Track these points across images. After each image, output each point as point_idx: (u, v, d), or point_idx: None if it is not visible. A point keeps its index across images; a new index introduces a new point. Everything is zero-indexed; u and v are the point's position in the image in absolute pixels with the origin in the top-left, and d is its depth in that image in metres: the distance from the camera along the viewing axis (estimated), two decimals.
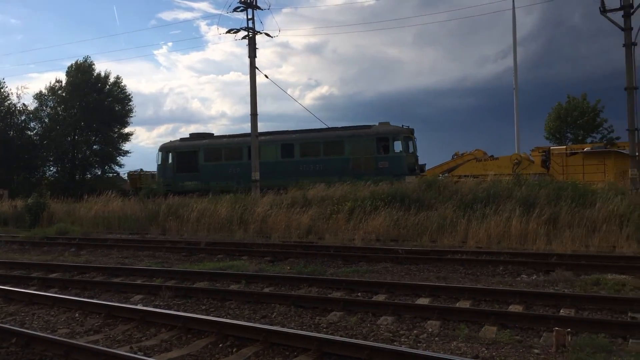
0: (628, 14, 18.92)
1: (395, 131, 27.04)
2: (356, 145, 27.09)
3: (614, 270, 10.54)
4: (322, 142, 28.02)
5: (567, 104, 47.61)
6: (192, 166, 31.39)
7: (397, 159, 26.40)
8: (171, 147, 32.65)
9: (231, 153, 30.51)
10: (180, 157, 31.97)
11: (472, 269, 11.54)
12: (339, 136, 27.87)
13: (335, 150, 27.63)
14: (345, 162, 27.01)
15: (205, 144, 31.68)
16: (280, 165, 28.72)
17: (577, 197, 16.06)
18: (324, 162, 27.46)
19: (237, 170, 29.27)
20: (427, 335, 7.05)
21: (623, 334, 6.75)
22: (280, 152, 29.08)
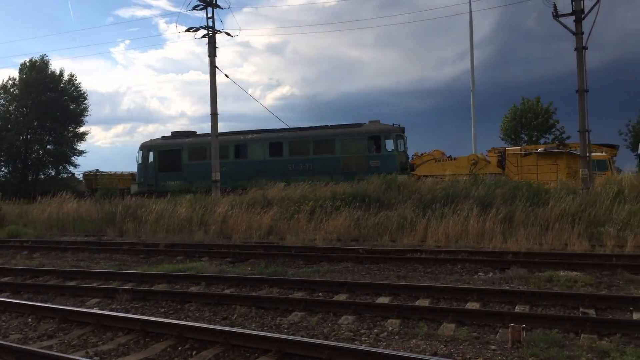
0: (579, 19, 19.57)
1: (386, 130, 26.88)
2: (347, 144, 26.81)
3: (566, 267, 10.88)
4: (312, 141, 27.55)
5: (522, 106, 48.95)
6: (175, 165, 30.50)
7: (389, 157, 26.22)
8: (153, 145, 31.55)
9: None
10: (162, 155, 30.98)
11: (431, 267, 11.73)
12: (329, 135, 27.45)
13: (325, 149, 27.23)
14: (336, 161, 26.73)
15: (189, 142, 30.78)
16: (268, 164, 28.09)
17: (531, 196, 16.53)
18: (314, 161, 27.08)
19: (223, 169, 28.14)
20: (387, 333, 7.12)
21: (575, 328, 6.97)
22: (268, 150, 28.48)
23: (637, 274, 10.26)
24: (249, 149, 28.49)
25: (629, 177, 17.83)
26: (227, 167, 28.37)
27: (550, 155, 28.91)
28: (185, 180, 29.57)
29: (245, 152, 29.18)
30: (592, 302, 8.16)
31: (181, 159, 30.46)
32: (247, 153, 28.57)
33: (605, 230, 14.09)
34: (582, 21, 19.57)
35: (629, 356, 5.92)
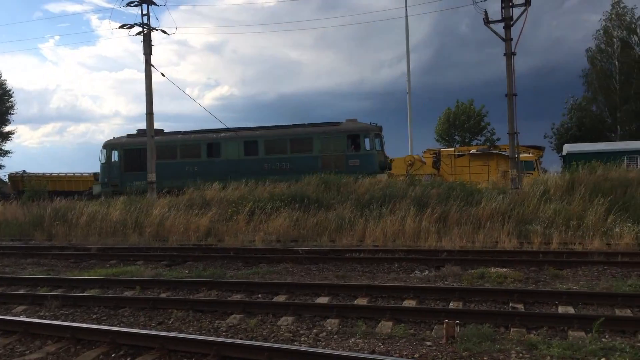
0: (508, 25, 20.42)
1: (366, 128, 26.81)
2: (326, 142, 26.54)
3: (497, 264, 11.31)
4: (289, 139, 27.14)
5: (456, 109, 50.52)
6: (142, 164, 28.86)
7: (369, 156, 26.16)
8: (117, 144, 30.25)
9: (188, 150, 28.83)
10: (128, 154, 29.74)
11: (370, 266, 11.90)
12: (307, 133, 27.16)
13: (303, 148, 26.87)
14: (314, 160, 26.40)
15: (157, 140, 29.17)
16: (243, 163, 27.41)
17: (464, 196, 17.10)
18: (291, 160, 26.67)
19: (194, 169, 27.64)
20: (326, 333, 7.17)
21: (505, 323, 7.27)
22: (243, 149, 27.86)
23: (561, 269, 10.82)
24: (222, 148, 27.73)
25: (554, 177, 18.77)
26: (199, 166, 27.70)
27: (481, 157, 30.00)
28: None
29: (218, 151, 28.30)
30: (521, 297, 8.53)
31: None
32: (221, 152, 27.78)
33: (533, 228, 14.77)
34: (511, 28, 20.41)
35: (555, 348, 6.23)
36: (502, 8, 20.47)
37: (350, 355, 5.69)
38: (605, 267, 10.86)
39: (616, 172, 18.16)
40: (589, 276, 10.33)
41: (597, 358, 5.96)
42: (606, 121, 44.33)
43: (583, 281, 9.94)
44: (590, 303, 8.24)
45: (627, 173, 18.26)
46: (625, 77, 42.02)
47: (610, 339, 6.66)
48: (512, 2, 20.27)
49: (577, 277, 10.28)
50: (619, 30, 42.77)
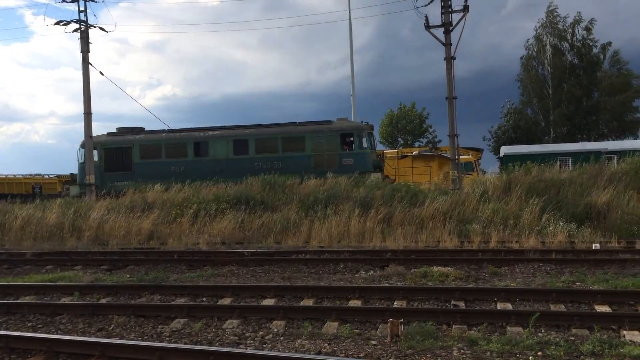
0: (448, 30, 21.01)
1: (359, 127, 26.63)
2: (318, 141, 26.15)
3: (439, 263, 11.59)
4: (281, 138, 26.65)
5: (399, 111, 51.45)
6: (124, 164, 28.09)
7: (363, 155, 25.92)
8: (97, 142, 28.56)
9: (173, 150, 27.79)
10: (109, 154, 28.45)
11: (315, 267, 11.94)
12: (299, 132, 26.71)
13: (295, 147, 26.43)
14: (306, 159, 26.01)
15: (140, 139, 28.43)
16: (232, 163, 26.75)
17: (408, 197, 17.44)
18: (283, 159, 26.23)
19: (180, 168, 26.69)
20: (272, 335, 7.14)
21: (448, 320, 7.46)
22: (232, 148, 27.19)
23: (500, 267, 11.21)
24: (210, 147, 26.99)
25: (493, 178, 19.43)
26: (185, 166, 26.94)
27: (423, 158, 30.68)
28: (136, 180, 26.77)
29: (206, 149, 27.49)
30: (462, 294, 8.78)
31: (131, 158, 28.19)
32: (209, 151, 27.01)
33: (473, 228, 15.25)
34: (450, 33, 21.00)
35: (494, 343, 6.45)
36: (442, 13, 21.03)
37: (296, 357, 5.69)
38: (540, 264, 11.33)
39: (550, 173, 18.98)
40: (526, 273, 10.75)
41: (534, 352, 6.21)
42: (540, 124, 46.30)
43: (520, 278, 10.34)
44: (526, 299, 8.58)
45: (559, 174, 19.12)
46: (557, 82, 44.03)
47: (545, 333, 6.96)
48: (451, 8, 20.87)
49: (515, 275, 10.68)
50: (552, 37, 44.78)
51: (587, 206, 15.93)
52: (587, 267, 10.94)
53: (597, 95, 43.88)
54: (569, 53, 44.59)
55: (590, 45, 44.01)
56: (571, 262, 11.35)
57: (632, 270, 10.57)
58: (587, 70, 44.01)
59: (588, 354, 6.11)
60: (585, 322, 7.15)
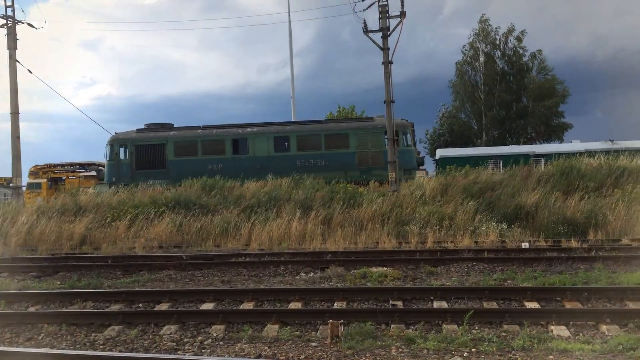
0: (385, 35, 21.43)
1: (403, 124, 26.12)
2: (363, 138, 25.65)
3: (377, 264, 11.79)
4: (324, 135, 25.99)
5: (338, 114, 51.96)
6: (157, 162, 26.66)
7: (407, 152, 25.48)
8: (127, 139, 27.27)
9: (210, 146, 26.67)
10: (140, 151, 26.91)
11: (256, 270, 11.87)
12: (343, 129, 26.32)
13: (338, 144, 25.78)
14: (351, 156, 25.47)
15: (175, 135, 27.06)
16: (273, 160, 25.86)
17: (347, 199, 17.65)
18: (326, 156, 25.57)
19: (218, 166, 25.58)
20: (212, 340, 7.04)
21: (386, 320, 7.59)
22: (273, 145, 26.33)
23: (436, 266, 11.51)
24: (249, 144, 26.18)
25: (430, 180, 19.96)
26: (223, 163, 25.88)
27: None
28: (171, 178, 25.64)
29: (245, 147, 26.53)
30: (400, 294, 8.96)
31: (165, 155, 26.83)
32: (248, 148, 26.26)
33: (410, 229, 15.61)
34: (388, 38, 21.42)
35: (431, 341, 6.62)
36: (380, 19, 21.42)
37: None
38: (474, 263, 11.73)
39: (483, 176, 19.69)
40: (460, 272, 11.10)
41: (468, 349, 6.42)
42: (473, 128, 47.99)
43: (455, 277, 10.66)
44: (461, 297, 8.85)
45: (492, 176, 19.87)
46: (489, 88, 45.77)
47: (479, 330, 7.21)
48: (389, 14, 21.28)
49: (450, 274, 11.00)
50: (484, 45, 46.52)
51: (517, 207, 16.63)
52: (517, 265, 11.42)
53: (526, 100, 45.94)
54: (500, 60, 46.44)
55: (520, 53, 46.01)
56: (502, 261, 11.81)
57: (558, 267, 11.12)
58: (517, 76, 46.00)
59: (519, 349, 6.38)
60: (516, 319, 7.46)
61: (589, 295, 8.56)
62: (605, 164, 19.53)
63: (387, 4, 21.25)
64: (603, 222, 15.51)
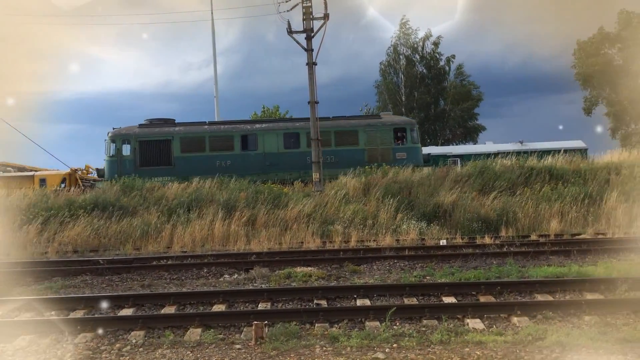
0: (309, 37, 21.58)
1: (411, 122, 27.36)
2: (372, 135, 25.88)
3: (302, 264, 11.84)
4: (334, 132, 25.95)
5: (262, 114, 51.75)
6: (163, 158, 25.42)
7: (414, 149, 26.11)
8: (130, 134, 25.83)
9: (218, 143, 25.81)
10: (144, 146, 25.52)
11: (178, 273, 11.58)
12: (352, 125, 26.42)
13: (349, 141, 25.97)
14: (360, 153, 25.60)
15: (181, 131, 25.95)
16: (283, 156, 25.58)
17: (271, 199, 17.61)
18: (336, 153, 25.44)
19: (227, 162, 24.89)
20: (131, 347, 6.81)
21: (311, 319, 7.65)
22: (282, 142, 25.92)
23: (359, 265, 11.73)
24: (259, 140, 25.69)
25: (353, 180, 20.27)
26: (232, 160, 25.22)
27: None
28: (177, 175, 24.35)
29: (254, 143, 25.95)
30: (324, 293, 9.06)
31: (171, 151, 25.60)
32: (257, 144, 25.72)
33: (334, 228, 15.80)
34: (312, 39, 21.59)
35: (354, 339, 6.74)
36: (304, 20, 21.54)
37: None
38: (395, 260, 12.04)
39: (403, 175, 20.28)
40: (382, 270, 11.37)
41: (390, 344, 6.60)
42: None
43: (377, 275, 10.91)
44: (383, 294, 9.07)
45: (412, 175, 20.49)
46: (409, 90, 47.28)
47: (400, 326, 7.41)
48: (313, 15, 21.44)
49: (373, 272, 11.24)
50: (405, 49, 47.97)
51: (435, 206, 17.26)
52: (435, 262, 11.84)
53: (444, 103, 47.79)
54: (420, 64, 48.05)
55: (437, 58, 47.80)
56: (422, 258, 12.21)
57: (474, 263, 11.64)
58: (435, 80, 47.77)
59: (437, 343, 6.62)
60: (435, 313, 7.74)
61: (501, 289, 9.02)
62: (516, 165, 20.64)
63: (311, 6, 21.40)
64: (514, 219, 16.41)
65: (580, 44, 41.68)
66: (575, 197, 17.22)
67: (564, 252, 12.27)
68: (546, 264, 11.18)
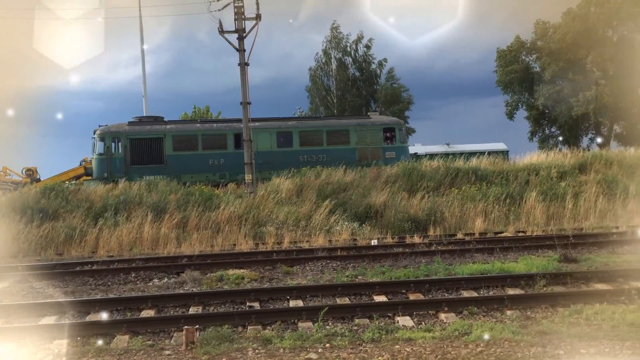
0: (241, 37, 21.39)
1: (399, 122, 28.30)
2: (362, 134, 26.58)
3: (235, 266, 11.72)
4: (326, 131, 26.61)
5: (193, 114, 50.81)
6: (154, 157, 24.68)
7: (403, 149, 27.16)
8: (120, 132, 25.12)
9: (211, 141, 25.64)
10: (135, 145, 25.02)
11: (104, 279, 11.16)
12: (343, 125, 27.27)
13: (340, 140, 26.54)
14: (351, 152, 26.21)
15: (173, 129, 25.55)
16: (276, 155, 25.71)
17: (203, 201, 17.32)
18: (328, 152, 26.02)
19: (219, 161, 25.01)
20: (53, 356, 6.50)
21: (243, 322, 7.59)
22: (275, 141, 26.21)
23: (292, 266, 11.75)
24: (252, 139, 24.74)
25: (286, 182, 20.27)
26: (225, 158, 25.12)
27: None
28: (169, 174, 23.62)
29: None
30: (257, 295, 9.01)
31: (163, 149, 24.85)
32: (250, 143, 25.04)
33: (267, 230, 15.74)
34: (244, 39, 21.42)
35: (287, 340, 6.75)
36: (235, 20, 21.34)
37: None
38: (328, 261, 12.15)
39: (336, 176, 20.51)
40: (315, 270, 11.44)
41: (322, 344, 6.65)
42: None
43: (310, 275, 10.97)
44: (316, 295, 9.13)
45: (345, 177, 20.75)
46: (341, 92, 47.86)
47: (333, 325, 7.49)
48: (244, 15, 21.28)
49: (305, 272, 11.28)
50: (336, 52, 48.51)
51: (367, 206, 17.56)
52: (367, 261, 12.04)
53: (375, 105, 48.71)
54: (352, 67, 48.75)
55: (369, 61, 48.67)
56: (354, 258, 12.38)
57: (404, 262, 11.93)
58: (367, 82, 48.62)
59: (368, 341, 6.74)
60: (366, 312, 7.88)
61: (429, 286, 9.32)
62: (442, 166, 21.35)
63: (243, 6, 21.22)
64: (441, 218, 16.96)
65: (499, 52, 43.67)
66: (498, 197, 18.02)
67: (487, 250, 12.80)
68: (471, 262, 11.64)
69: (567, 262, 11.11)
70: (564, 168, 21.04)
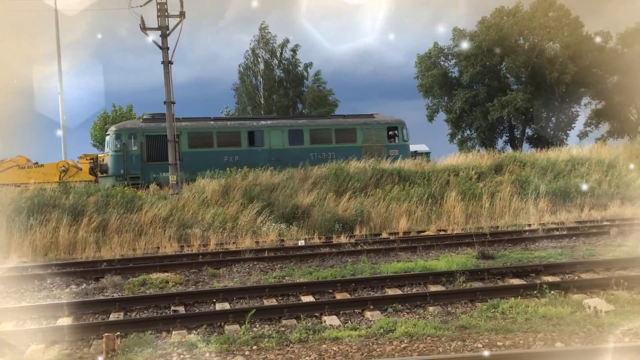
0: (164, 34, 20.82)
1: (401, 121, 28.75)
2: (368, 133, 27.69)
3: (158, 270, 11.37)
4: (334, 130, 27.60)
5: (113, 113, 48.95)
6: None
7: (405, 147, 28.15)
8: (136, 128, 25.26)
9: (226, 138, 26.27)
10: (151, 142, 24.93)
11: (16, 286, 10.50)
12: (350, 124, 28.06)
13: (347, 138, 27.52)
14: (358, 150, 26.77)
15: (189, 126, 25.77)
16: (289, 152, 26.46)
17: (124, 203, 16.69)
18: (336, 149, 26.71)
19: (234, 158, 25.12)
20: None
21: (167, 327, 7.39)
22: (287, 138, 26.91)
23: (218, 268, 11.57)
24: (265, 136, 26.54)
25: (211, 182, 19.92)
26: (239, 155, 25.62)
27: None
28: (185, 171, 23.36)
29: (261, 139, 26.83)
30: (182, 299, 8.81)
31: (179, 146, 24.03)
32: (264, 140, 26.59)
33: (193, 232, 15.41)
34: (167, 37, 20.88)
35: (213, 344, 6.63)
36: (158, 17, 20.77)
37: None
38: (255, 262, 12.06)
39: (263, 177, 20.42)
40: (242, 272, 11.32)
41: (250, 347, 6.59)
42: None
43: (237, 277, 10.85)
44: (243, 297, 9.05)
45: (272, 178, 20.70)
46: (268, 93, 47.75)
47: (260, 327, 7.45)
48: (168, 12, 20.75)
49: (232, 274, 11.15)
50: (264, 52, 48.36)
51: (294, 207, 17.60)
52: (294, 262, 12.06)
53: (302, 106, 48.96)
54: (278, 69, 48.77)
55: (295, 63, 48.89)
56: (281, 259, 12.38)
57: (330, 262, 12.06)
58: (294, 84, 48.80)
59: (296, 342, 6.76)
60: (294, 313, 7.90)
61: (355, 285, 9.47)
62: (368, 167, 21.78)
63: (166, 3, 20.67)
64: (367, 218, 17.29)
65: (420, 57, 45.22)
66: (420, 197, 18.60)
67: (411, 249, 13.18)
68: (396, 260, 11.95)
69: (485, 258, 11.62)
70: (481, 169, 22.08)
